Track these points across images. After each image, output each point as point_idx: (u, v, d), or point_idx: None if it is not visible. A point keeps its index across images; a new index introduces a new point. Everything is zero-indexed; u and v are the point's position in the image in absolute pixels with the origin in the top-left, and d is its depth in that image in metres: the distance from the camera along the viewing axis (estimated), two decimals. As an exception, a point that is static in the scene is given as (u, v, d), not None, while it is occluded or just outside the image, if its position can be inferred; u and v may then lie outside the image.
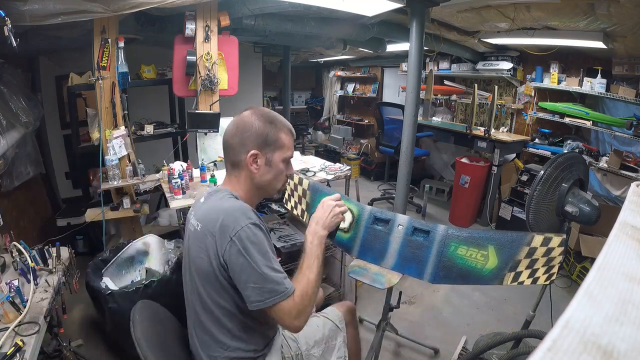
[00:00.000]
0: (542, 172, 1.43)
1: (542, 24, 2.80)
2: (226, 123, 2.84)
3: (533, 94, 3.73)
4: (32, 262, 1.52)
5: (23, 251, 1.56)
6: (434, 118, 4.80)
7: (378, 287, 1.29)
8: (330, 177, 2.36)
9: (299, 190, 1.57)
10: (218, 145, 2.85)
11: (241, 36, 2.92)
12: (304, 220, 1.48)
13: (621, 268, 0.36)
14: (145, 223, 3.13)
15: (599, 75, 3.03)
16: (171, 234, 2.70)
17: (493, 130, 3.72)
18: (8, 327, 1.23)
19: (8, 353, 1.10)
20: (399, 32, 3.31)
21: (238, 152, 1.00)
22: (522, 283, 1.21)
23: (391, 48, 4.14)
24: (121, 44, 2.27)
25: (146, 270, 2.01)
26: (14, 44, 1.60)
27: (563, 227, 1.52)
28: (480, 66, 3.99)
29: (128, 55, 2.33)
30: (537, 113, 3.69)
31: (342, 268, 2.48)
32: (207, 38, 2.44)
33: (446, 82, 4.73)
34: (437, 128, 4.38)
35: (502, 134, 3.82)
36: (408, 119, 2.60)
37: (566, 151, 3.18)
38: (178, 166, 2.32)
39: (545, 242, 1.20)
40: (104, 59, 2.26)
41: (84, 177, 3.12)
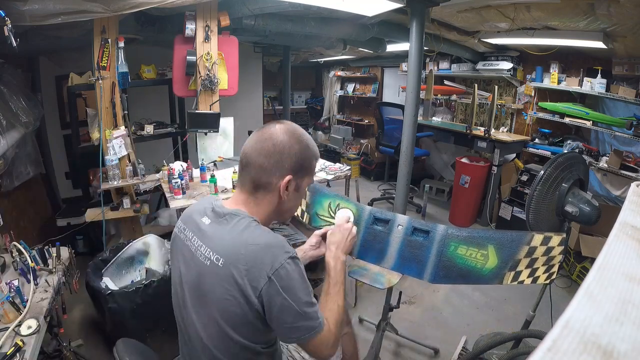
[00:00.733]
0: (542, 172, 1.43)
1: (542, 24, 2.80)
2: (226, 123, 2.87)
3: (533, 94, 3.73)
4: (32, 262, 1.52)
5: (23, 251, 1.56)
6: (434, 118, 4.79)
7: (378, 287, 1.29)
8: (330, 177, 2.36)
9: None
10: (218, 145, 2.86)
11: (241, 36, 2.92)
12: (304, 220, 1.49)
13: (621, 268, 0.36)
14: (145, 223, 3.13)
15: (599, 75, 3.03)
16: (171, 234, 2.70)
17: (493, 130, 3.72)
18: (8, 327, 1.23)
19: (8, 353, 1.10)
20: (399, 32, 3.31)
21: (269, 174, 0.89)
22: (522, 282, 1.21)
23: (391, 48, 4.14)
24: (121, 44, 2.27)
25: (146, 270, 2.01)
26: (14, 44, 1.61)
27: (563, 227, 1.51)
28: (480, 66, 3.99)
29: (128, 55, 2.33)
30: (537, 113, 3.69)
31: (342, 268, 2.48)
32: (207, 38, 2.44)
33: (446, 82, 4.73)
34: (437, 128, 4.38)
35: (502, 134, 3.82)
36: (408, 119, 2.61)
37: (566, 151, 3.18)
38: (178, 166, 2.33)
39: (545, 241, 1.20)
40: (104, 59, 2.26)
41: (84, 177, 3.12)
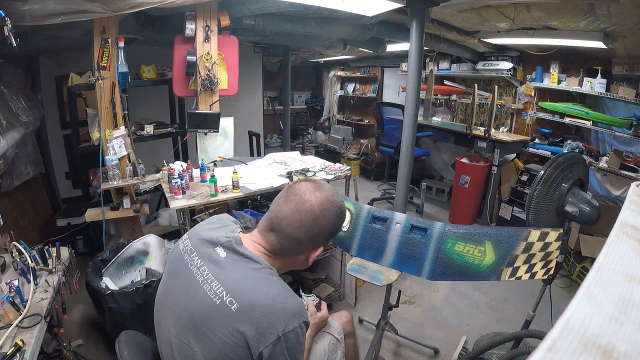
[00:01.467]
0: (542, 172, 1.43)
1: (542, 24, 2.80)
2: (226, 123, 2.87)
3: (533, 94, 3.73)
4: (32, 262, 1.52)
5: (23, 251, 1.56)
6: (434, 118, 4.79)
7: (376, 284, 1.29)
8: (330, 177, 2.36)
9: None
10: (218, 145, 2.85)
11: (241, 36, 2.92)
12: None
13: (621, 268, 0.36)
14: (145, 223, 3.13)
15: (599, 75, 3.03)
16: (171, 234, 2.70)
17: (493, 130, 3.72)
18: (8, 327, 1.23)
19: (8, 353, 1.10)
20: (399, 32, 3.31)
21: (303, 246, 0.89)
22: (520, 278, 1.21)
23: (391, 48, 4.14)
24: (121, 44, 2.27)
25: (146, 270, 2.01)
26: (14, 44, 1.61)
27: (563, 227, 1.52)
28: (480, 66, 3.98)
29: (128, 55, 2.33)
30: (537, 113, 3.69)
31: (342, 268, 2.48)
32: (207, 38, 2.44)
33: (446, 82, 4.73)
34: (437, 128, 4.38)
35: (502, 134, 3.82)
36: (408, 119, 2.61)
37: (566, 151, 3.18)
38: (178, 166, 2.32)
39: (542, 237, 1.20)
40: (104, 59, 2.26)
41: (84, 177, 3.12)
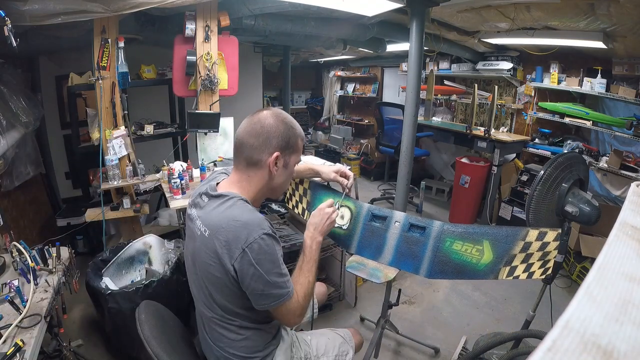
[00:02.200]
0: (542, 172, 1.43)
1: (542, 24, 2.80)
2: (226, 123, 2.87)
3: (533, 94, 3.73)
4: (32, 262, 1.52)
5: (23, 251, 1.56)
6: (434, 118, 4.79)
7: (375, 282, 1.30)
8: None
9: (300, 189, 1.58)
10: (218, 145, 2.85)
11: (241, 36, 2.92)
12: (305, 218, 1.50)
13: (621, 268, 0.36)
14: (145, 223, 3.13)
15: (599, 75, 3.03)
16: (171, 234, 2.70)
17: (493, 130, 3.72)
18: (8, 327, 1.23)
19: (8, 353, 1.10)
20: (399, 32, 3.30)
21: (259, 152, 1.00)
22: (518, 277, 1.21)
23: (391, 48, 4.14)
24: (121, 44, 2.27)
25: (146, 270, 2.01)
26: (14, 44, 1.61)
27: (563, 227, 1.51)
28: (480, 66, 3.98)
29: (128, 55, 2.33)
30: (537, 113, 3.69)
31: (342, 268, 2.49)
32: (207, 38, 2.44)
33: (446, 82, 4.73)
34: (437, 128, 4.38)
35: (502, 134, 3.82)
36: (408, 119, 2.61)
37: (566, 151, 3.18)
38: (178, 166, 2.32)
39: (540, 237, 1.20)
40: (104, 59, 2.26)
41: (84, 177, 3.12)
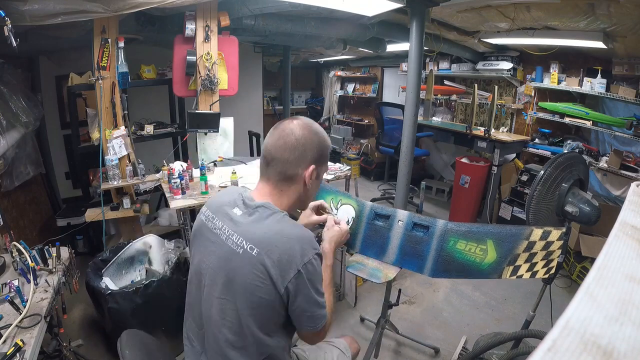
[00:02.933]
0: (542, 172, 1.43)
1: (542, 24, 2.80)
2: (226, 123, 2.87)
3: (533, 94, 3.73)
4: (32, 262, 1.52)
5: (23, 251, 1.56)
6: (434, 118, 4.79)
7: (375, 282, 1.29)
8: (330, 177, 2.36)
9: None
10: (218, 145, 2.86)
11: (241, 36, 2.92)
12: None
13: (621, 268, 0.35)
14: (145, 223, 3.13)
15: (599, 75, 3.03)
16: (171, 234, 2.70)
17: (493, 130, 3.72)
18: (8, 327, 1.23)
19: (8, 353, 1.10)
20: (399, 32, 3.30)
21: (294, 166, 0.96)
22: (521, 277, 1.21)
23: (391, 48, 4.14)
24: (121, 44, 2.27)
25: (146, 270, 2.01)
26: (14, 44, 1.61)
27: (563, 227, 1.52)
28: (480, 66, 3.98)
29: (128, 55, 2.33)
30: (537, 113, 3.68)
31: (342, 268, 2.49)
32: (207, 38, 2.44)
33: (446, 82, 4.72)
34: (437, 128, 4.38)
35: (502, 134, 3.82)
36: (408, 119, 2.61)
37: (566, 151, 3.18)
38: (178, 166, 2.32)
39: (544, 236, 1.19)
40: (104, 59, 2.26)
41: (84, 177, 3.12)
